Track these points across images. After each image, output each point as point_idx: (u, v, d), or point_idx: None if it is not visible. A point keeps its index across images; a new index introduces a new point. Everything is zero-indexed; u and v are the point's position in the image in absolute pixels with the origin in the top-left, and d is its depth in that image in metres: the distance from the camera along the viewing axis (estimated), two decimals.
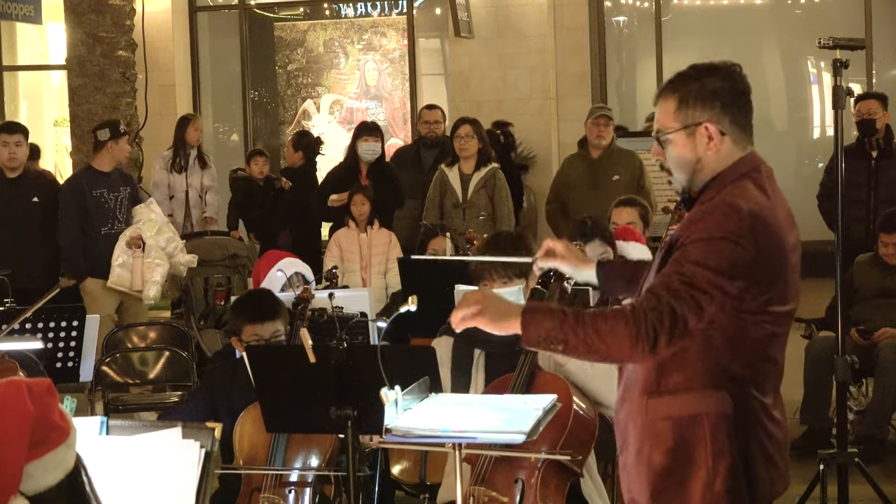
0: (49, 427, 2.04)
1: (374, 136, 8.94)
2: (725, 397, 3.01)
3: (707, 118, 3.08)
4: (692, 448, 3.02)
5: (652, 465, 3.07)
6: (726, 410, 3.01)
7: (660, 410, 3.05)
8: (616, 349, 2.94)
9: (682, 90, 3.11)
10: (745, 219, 2.95)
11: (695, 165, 3.10)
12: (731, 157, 3.09)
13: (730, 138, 3.09)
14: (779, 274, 3.01)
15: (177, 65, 14.23)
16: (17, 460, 1.99)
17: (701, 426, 3.01)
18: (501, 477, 4.25)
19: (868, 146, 8.25)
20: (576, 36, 13.28)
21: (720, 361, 3.00)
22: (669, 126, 3.12)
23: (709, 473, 3.01)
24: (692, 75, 3.14)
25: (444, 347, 4.67)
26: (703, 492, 3.01)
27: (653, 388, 3.07)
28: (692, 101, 3.09)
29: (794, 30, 13.52)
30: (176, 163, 10.18)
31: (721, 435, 3.00)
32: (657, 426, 3.05)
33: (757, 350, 3.03)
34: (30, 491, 2.02)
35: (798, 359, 6.83)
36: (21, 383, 2.04)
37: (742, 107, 3.14)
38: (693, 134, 3.09)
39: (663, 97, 3.15)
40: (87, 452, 2.21)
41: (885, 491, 5.63)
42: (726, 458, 3.01)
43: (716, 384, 3.01)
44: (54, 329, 6.10)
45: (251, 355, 4.51)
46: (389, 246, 8.26)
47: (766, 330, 3.02)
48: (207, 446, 2.92)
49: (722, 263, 2.92)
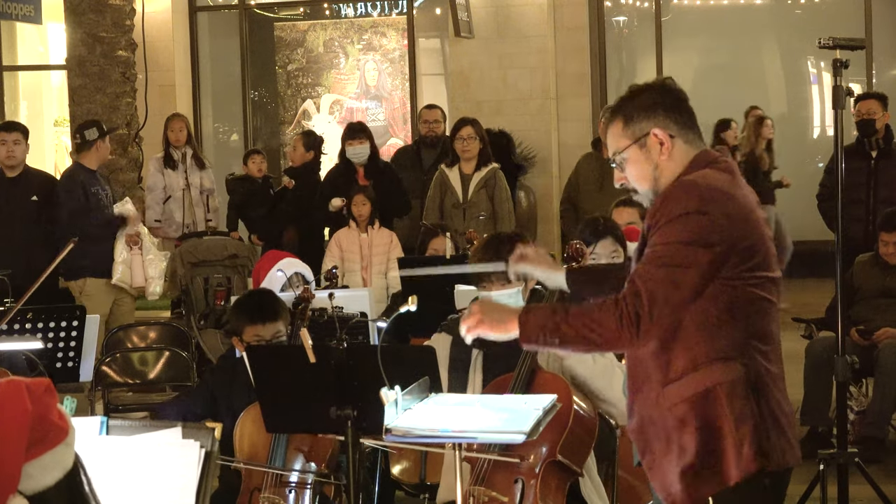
0: (48, 426, 2.04)
1: (358, 140, 8.94)
2: (733, 365, 3.09)
3: (653, 125, 3.21)
4: (715, 421, 3.08)
5: (683, 450, 3.12)
6: (738, 376, 3.08)
7: (674, 396, 3.12)
8: (607, 337, 3.04)
9: (624, 109, 3.27)
10: (704, 191, 3.07)
11: (654, 174, 3.23)
12: (686, 157, 3.21)
13: (680, 139, 3.22)
14: (754, 235, 3.11)
15: (177, 65, 14.23)
16: (15, 459, 1.99)
17: (718, 398, 3.08)
18: (501, 477, 4.25)
19: (868, 146, 8.25)
20: (576, 36, 13.28)
21: (719, 335, 3.08)
22: (622, 145, 3.27)
23: (736, 441, 3.07)
24: (628, 95, 3.31)
25: (442, 345, 4.67)
26: (736, 460, 3.07)
27: (664, 378, 3.14)
28: (636, 116, 3.24)
29: (794, 30, 13.52)
30: (166, 161, 10.22)
31: (738, 399, 3.07)
32: (676, 411, 3.12)
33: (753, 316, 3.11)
34: (28, 490, 2.02)
35: (798, 359, 6.83)
36: (20, 383, 2.04)
37: (683, 111, 3.26)
38: (645, 145, 3.23)
39: (610, 123, 3.31)
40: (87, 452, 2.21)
41: (885, 491, 5.63)
42: (749, 420, 3.07)
43: (722, 356, 3.09)
44: (54, 329, 6.10)
45: (251, 355, 4.51)
46: (390, 246, 8.26)
47: (759, 295, 3.10)
48: (207, 446, 2.92)
49: (693, 235, 3.02)
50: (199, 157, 10.30)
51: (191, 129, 10.57)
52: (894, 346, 6.89)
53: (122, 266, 8.20)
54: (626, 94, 3.32)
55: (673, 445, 3.14)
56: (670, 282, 3.00)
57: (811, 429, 6.93)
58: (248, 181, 10.47)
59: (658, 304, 3.00)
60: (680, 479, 3.13)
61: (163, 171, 10.15)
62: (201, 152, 10.76)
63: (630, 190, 3.32)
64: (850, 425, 6.36)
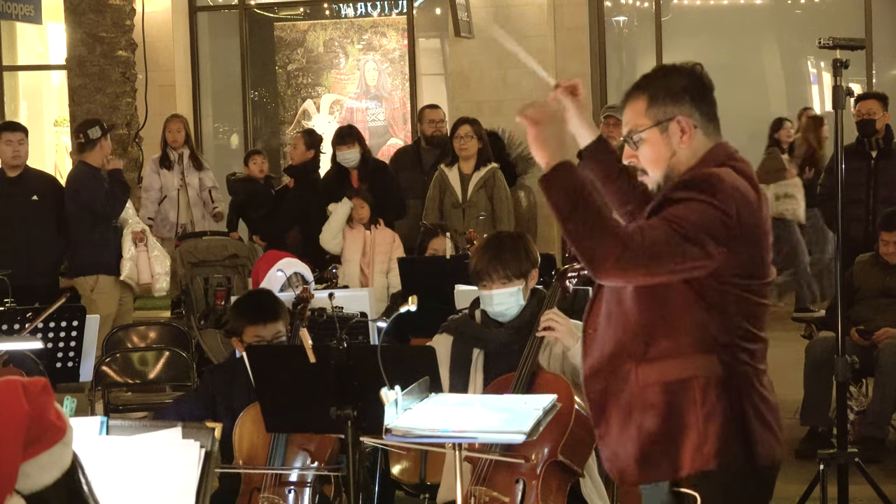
0: (45, 426, 2.04)
1: (346, 145, 8.94)
2: (715, 360, 3.07)
3: (679, 112, 3.16)
4: (683, 411, 3.07)
5: (643, 430, 3.11)
6: (716, 373, 3.06)
7: (649, 377, 3.10)
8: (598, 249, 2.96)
9: (652, 88, 3.20)
10: (728, 191, 3.04)
11: (670, 161, 3.18)
12: (704, 148, 3.18)
13: (700, 131, 3.18)
14: (757, 250, 3.10)
15: (177, 65, 14.23)
16: (12, 459, 1.99)
17: (692, 389, 3.06)
18: (502, 477, 4.25)
19: (868, 146, 8.26)
20: (576, 36, 13.27)
21: (707, 328, 3.06)
22: (642, 124, 3.19)
23: (699, 436, 3.05)
24: (659, 75, 3.25)
25: (443, 346, 4.67)
26: (693, 454, 3.06)
27: (641, 355, 3.11)
28: (662, 98, 3.17)
29: (794, 30, 13.52)
30: (163, 161, 10.26)
31: (711, 397, 3.05)
32: (647, 392, 3.10)
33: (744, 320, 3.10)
34: (26, 490, 2.02)
35: (798, 359, 6.82)
36: (16, 382, 2.04)
37: (708, 102, 3.23)
38: (666, 130, 3.17)
39: (633, 98, 3.23)
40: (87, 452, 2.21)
41: (885, 491, 5.63)
42: (717, 419, 3.05)
43: (706, 349, 3.07)
44: (54, 329, 6.10)
45: (251, 355, 4.51)
46: (392, 246, 8.28)
47: (751, 300, 3.10)
48: (207, 446, 2.92)
49: (709, 224, 2.99)
50: (196, 158, 10.31)
51: (189, 130, 10.58)
52: (894, 346, 6.89)
53: (129, 263, 8.31)
54: (655, 73, 3.27)
55: (632, 424, 3.12)
56: (679, 249, 2.97)
57: (811, 429, 6.93)
58: (250, 182, 10.47)
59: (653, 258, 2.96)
60: (633, 458, 3.13)
61: (158, 171, 10.21)
62: (201, 153, 10.77)
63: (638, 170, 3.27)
64: (850, 425, 6.36)
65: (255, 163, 10.49)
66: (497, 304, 4.55)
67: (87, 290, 8.26)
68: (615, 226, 3.01)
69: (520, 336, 4.53)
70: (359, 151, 8.94)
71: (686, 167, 3.16)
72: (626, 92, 3.26)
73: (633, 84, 3.26)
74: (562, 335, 4.43)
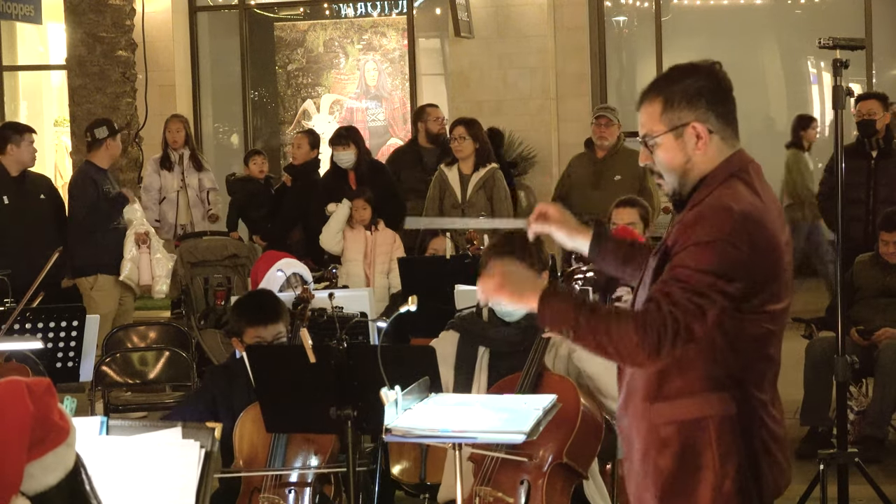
0: (49, 427, 2.04)
1: (341, 146, 8.94)
2: (728, 398, 3.01)
3: (694, 118, 3.07)
4: (699, 451, 3.02)
5: (659, 470, 3.06)
6: (730, 412, 3.01)
7: (663, 415, 3.05)
8: (622, 349, 2.93)
9: (667, 92, 3.10)
10: (738, 220, 2.95)
11: (685, 167, 3.09)
12: (721, 155, 3.09)
13: (717, 136, 3.09)
14: (774, 272, 3.01)
15: (177, 65, 14.23)
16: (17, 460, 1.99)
17: (706, 429, 3.01)
18: (507, 478, 4.25)
19: (868, 146, 8.25)
20: (576, 36, 13.28)
21: (721, 363, 3.00)
22: (656, 129, 3.11)
23: (717, 476, 3.01)
24: (675, 77, 3.13)
25: (449, 343, 4.66)
26: (713, 495, 3.02)
27: (655, 393, 3.07)
28: (677, 102, 3.08)
29: (794, 30, 13.52)
30: (163, 162, 10.27)
31: (727, 436, 3.01)
32: (662, 431, 3.05)
33: (755, 349, 3.04)
34: (30, 490, 2.02)
35: (798, 359, 6.83)
36: (21, 383, 2.04)
37: (726, 103, 3.13)
38: (681, 136, 3.08)
39: (647, 101, 3.14)
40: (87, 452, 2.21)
41: (885, 491, 5.63)
42: (734, 459, 3.01)
43: (718, 386, 3.01)
44: (54, 329, 6.10)
45: (251, 355, 4.51)
46: (393, 246, 8.28)
47: (764, 328, 3.03)
48: (207, 446, 2.91)
49: (719, 266, 2.91)
50: (197, 159, 10.31)
51: (190, 130, 10.58)
52: (894, 346, 6.89)
53: (130, 263, 8.33)
54: (671, 74, 3.15)
55: (650, 463, 3.08)
56: (699, 312, 2.90)
57: (811, 429, 6.93)
58: (250, 182, 10.47)
59: (682, 335, 2.89)
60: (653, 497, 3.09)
61: (159, 171, 10.22)
62: (201, 153, 10.76)
63: (653, 172, 3.19)
64: (850, 425, 6.36)
65: (255, 163, 10.49)
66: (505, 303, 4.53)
67: (87, 288, 8.28)
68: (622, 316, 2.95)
69: (526, 336, 4.52)
70: (354, 153, 8.93)
71: (700, 173, 3.08)
72: (642, 92, 3.17)
73: (649, 84, 3.17)
74: None
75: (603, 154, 8.83)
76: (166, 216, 10.22)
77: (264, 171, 10.49)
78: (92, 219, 8.28)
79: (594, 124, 8.88)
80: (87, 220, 8.27)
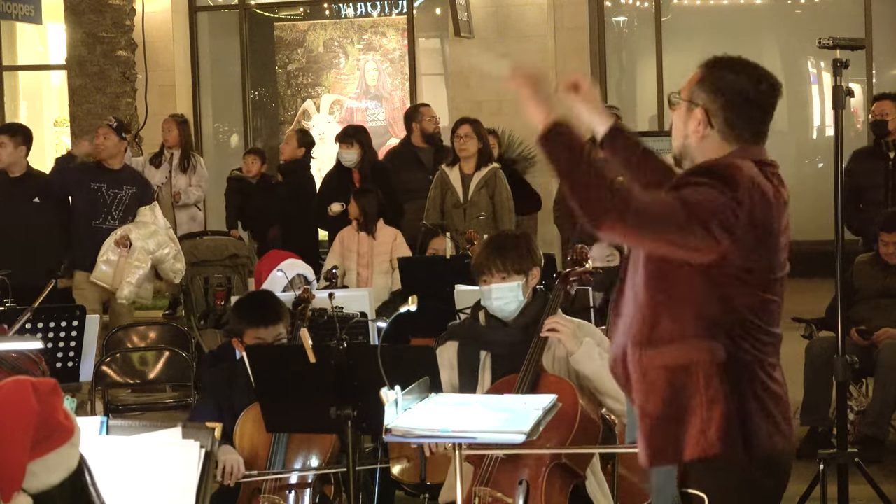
0: (53, 426, 2.05)
1: (346, 145, 8.95)
2: (719, 347, 3.07)
3: (704, 105, 3.18)
4: (687, 396, 3.07)
5: (647, 413, 3.12)
6: (720, 359, 3.06)
7: (654, 360, 3.11)
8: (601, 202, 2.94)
9: (709, 71, 3.22)
10: (746, 183, 3.04)
11: (684, 140, 3.23)
12: (720, 151, 3.17)
13: (719, 135, 3.17)
14: (767, 247, 3.09)
15: (177, 65, 14.23)
16: (20, 458, 2.00)
17: (695, 374, 3.06)
18: (506, 478, 4.25)
19: (885, 147, 8.19)
20: (576, 36, 13.28)
21: (711, 315, 3.06)
22: (683, 94, 3.25)
23: (703, 421, 3.05)
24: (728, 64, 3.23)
25: (450, 352, 4.67)
26: (697, 438, 3.06)
27: (645, 340, 3.13)
28: (707, 84, 3.19)
29: (794, 30, 13.52)
30: (153, 159, 10.30)
31: (714, 382, 3.05)
32: (650, 375, 3.11)
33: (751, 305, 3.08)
34: (33, 489, 2.03)
35: (798, 359, 6.82)
36: (26, 382, 2.04)
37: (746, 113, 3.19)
38: (691, 111, 3.20)
39: (700, 69, 3.25)
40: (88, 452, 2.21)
41: (885, 491, 5.63)
42: (720, 405, 3.05)
43: (707, 334, 3.07)
44: (54, 329, 6.09)
45: (251, 355, 4.51)
46: (394, 245, 8.22)
47: (758, 297, 3.09)
48: (207, 446, 2.92)
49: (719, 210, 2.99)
50: (186, 160, 10.33)
51: (187, 130, 10.58)
52: (894, 346, 6.89)
53: (104, 265, 8.15)
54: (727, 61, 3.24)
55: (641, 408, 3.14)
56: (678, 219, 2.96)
57: (811, 429, 6.93)
58: (242, 181, 10.49)
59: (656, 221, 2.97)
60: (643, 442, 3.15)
61: (145, 168, 10.28)
62: (200, 153, 10.74)
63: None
64: (850, 425, 6.35)
65: (245, 162, 10.52)
66: (495, 298, 4.54)
67: (76, 286, 8.25)
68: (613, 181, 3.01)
69: (526, 335, 4.53)
70: (357, 152, 8.92)
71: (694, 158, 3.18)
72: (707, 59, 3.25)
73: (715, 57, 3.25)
74: (565, 338, 4.43)
75: None
76: None
77: (251, 171, 10.44)
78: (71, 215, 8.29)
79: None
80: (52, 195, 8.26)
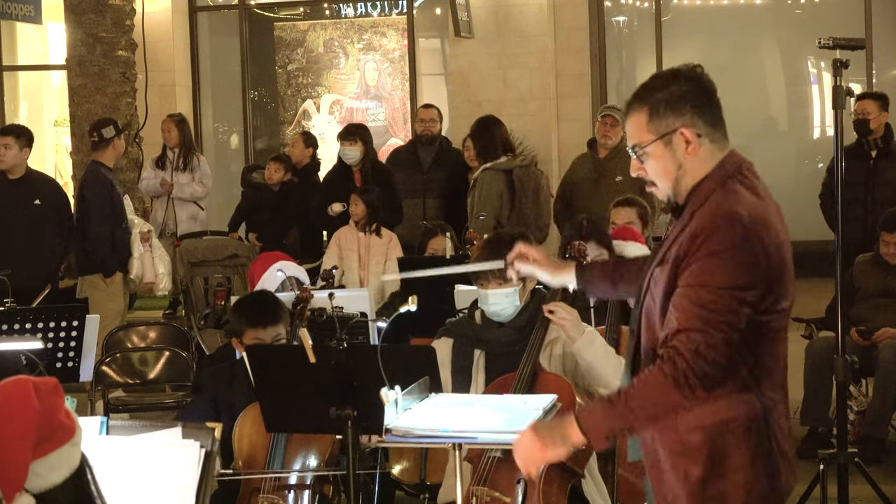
0: (55, 425, 2.05)
1: (349, 141, 8.92)
2: (752, 399, 3.02)
3: (681, 123, 3.06)
4: (728, 454, 3.01)
5: (690, 478, 3.05)
6: (755, 412, 3.02)
7: (689, 422, 3.03)
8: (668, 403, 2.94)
9: (650, 100, 3.09)
10: (748, 225, 2.95)
11: (677, 173, 3.09)
12: (713, 158, 3.08)
13: (707, 139, 3.08)
14: (782, 271, 3.02)
15: (177, 65, 14.23)
16: (22, 457, 2.00)
17: (733, 431, 3.01)
18: (504, 477, 4.25)
19: (867, 146, 8.27)
20: (576, 36, 13.27)
21: (741, 365, 2.99)
22: (645, 139, 3.09)
23: (747, 478, 3.01)
24: (656, 84, 3.12)
25: (444, 348, 4.67)
26: (746, 498, 3.02)
27: None
28: (663, 110, 3.07)
29: (794, 30, 13.52)
30: (159, 160, 10.36)
31: (753, 437, 3.01)
32: (688, 438, 3.04)
33: (768, 348, 3.04)
34: (35, 489, 2.03)
35: (798, 359, 6.83)
36: (28, 382, 2.05)
37: (711, 106, 3.11)
38: (670, 143, 3.07)
39: (632, 111, 3.12)
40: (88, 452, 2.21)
41: (885, 491, 5.63)
42: (762, 459, 3.01)
43: (741, 388, 3.01)
44: (54, 329, 6.09)
45: (251, 355, 4.51)
46: (389, 246, 8.23)
47: (774, 327, 3.03)
48: (207, 446, 2.92)
49: (737, 278, 2.92)
50: (186, 159, 10.34)
51: (186, 129, 10.57)
52: (894, 346, 6.89)
53: (137, 262, 8.41)
54: (653, 82, 3.13)
55: (680, 471, 3.07)
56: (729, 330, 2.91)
57: (811, 429, 6.93)
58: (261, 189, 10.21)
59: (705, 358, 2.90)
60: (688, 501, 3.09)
61: (154, 170, 10.35)
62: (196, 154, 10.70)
63: (647, 182, 3.16)
64: (850, 425, 6.36)
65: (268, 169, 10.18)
66: (492, 303, 4.55)
67: (102, 287, 8.26)
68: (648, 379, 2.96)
69: (521, 336, 4.53)
70: (360, 150, 8.91)
71: (694, 178, 3.07)
72: (627, 103, 3.15)
73: (632, 95, 3.14)
74: (569, 325, 4.41)
75: (605, 154, 8.83)
76: (156, 214, 10.31)
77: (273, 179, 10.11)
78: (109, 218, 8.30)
79: (599, 123, 8.88)
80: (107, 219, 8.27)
